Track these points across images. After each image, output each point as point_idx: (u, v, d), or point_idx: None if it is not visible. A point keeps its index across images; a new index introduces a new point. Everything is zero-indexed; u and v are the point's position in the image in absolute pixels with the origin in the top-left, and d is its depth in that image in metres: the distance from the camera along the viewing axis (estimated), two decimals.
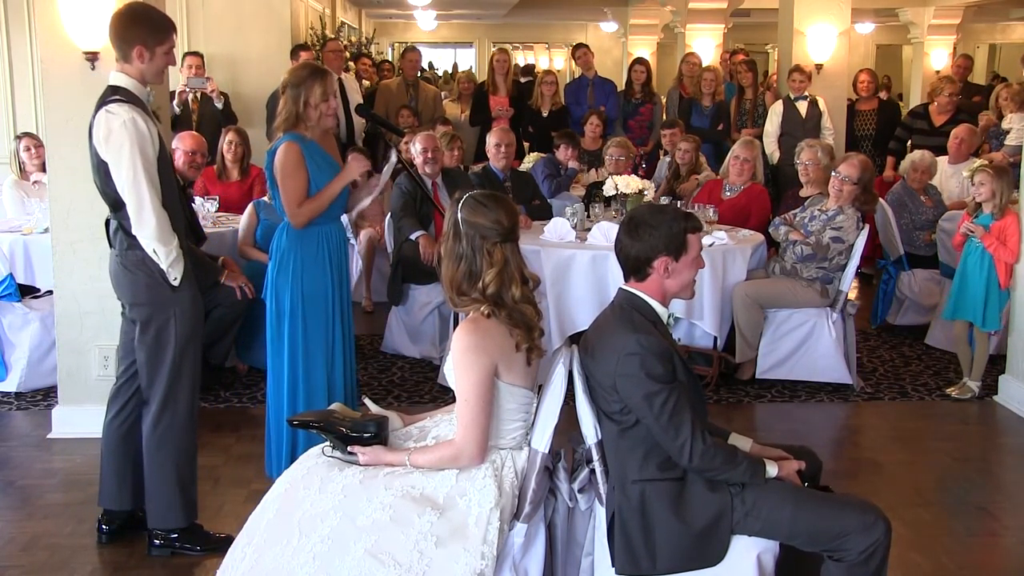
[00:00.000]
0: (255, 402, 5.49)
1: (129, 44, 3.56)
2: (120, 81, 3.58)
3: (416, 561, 2.57)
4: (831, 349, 5.66)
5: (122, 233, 3.60)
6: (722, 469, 2.77)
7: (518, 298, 2.76)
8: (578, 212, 6.01)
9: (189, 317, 3.66)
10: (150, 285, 3.59)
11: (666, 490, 2.81)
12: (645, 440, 2.81)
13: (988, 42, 19.92)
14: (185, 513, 3.74)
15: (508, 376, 2.77)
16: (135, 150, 3.47)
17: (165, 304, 3.61)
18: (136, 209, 3.51)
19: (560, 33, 22.36)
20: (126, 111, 3.49)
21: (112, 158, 3.50)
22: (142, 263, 3.59)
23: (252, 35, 8.93)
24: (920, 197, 6.93)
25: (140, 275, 3.60)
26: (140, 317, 3.65)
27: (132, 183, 3.49)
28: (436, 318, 6.14)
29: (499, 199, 2.85)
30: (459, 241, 2.78)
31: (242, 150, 7.06)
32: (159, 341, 3.63)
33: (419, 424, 3.00)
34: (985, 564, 3.86)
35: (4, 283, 5.56)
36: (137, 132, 3.48)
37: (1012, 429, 5.31)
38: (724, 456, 2.77)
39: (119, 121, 3.47)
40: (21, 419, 5.27)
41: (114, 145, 3.48)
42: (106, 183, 3.56)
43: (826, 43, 8.86)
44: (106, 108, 3.51)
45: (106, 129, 3.49)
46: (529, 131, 9.19)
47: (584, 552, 2.98)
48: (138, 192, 3.49)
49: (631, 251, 2.93)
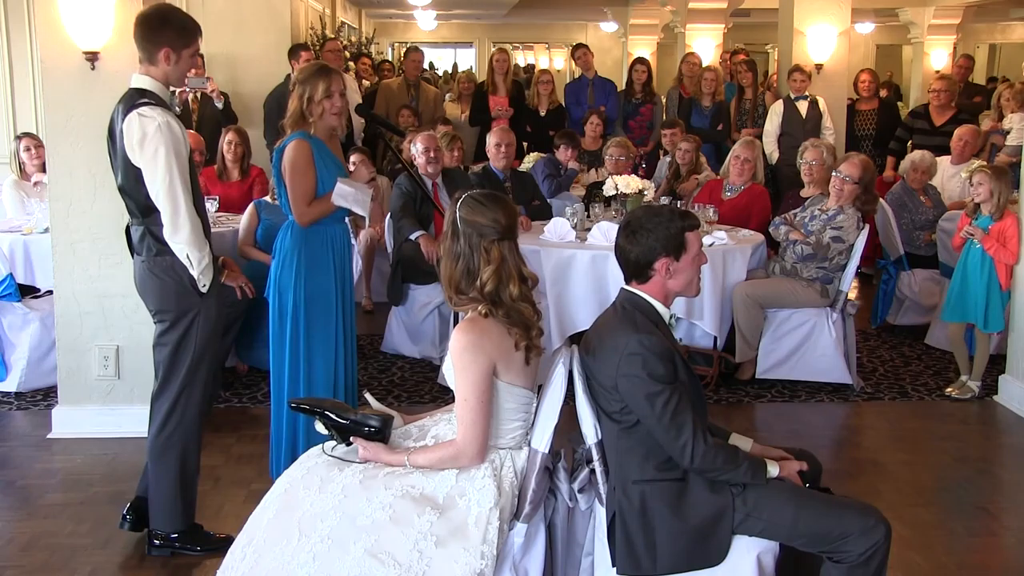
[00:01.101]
0: (255, 402, 5.50)
1: (156, 46, 3.52)
2: (144, 84, 3.55)
3: (416, 561, 2.57)
4: (831, 349, 5.66)
5: (150, 238, 3.56)
6: (723, 470, 2.77)
7: (516, 296, 2.76)
8: (578, 212, 6.01)
9: (212, 324, 3.66)
10: (179, 291, 3.58)
11: (667, 490, 2.81)
12: (645, 440, 2.81)
13: (988, 42, 19.92)
14: (185, 516, 3.74)
15: (507, 375, 2.77)
16: (171, 155, 3.43)
17: (191, 310, 3.60)
18: (172, 214, 3.46)
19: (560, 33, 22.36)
20: (160, 114, 3.45)
21: (147, 163, 3.45)
22: (171, 269, 3.56)
23: (252, 35, 8.92)
24: (920, 197, 6.93)
25: (169, 281, 3.58)
26: (165, 322, 3.64)
27: (168, 188, 3.44)
28: (436, 318, 6.14)
29: (498, 198, 2.85)
30: (457, 240, 2.78)
31: (242, 150, 7.06)
32: (180, 345, 3.63)
33: (419, 423, 3.00)
34: (985, 564, 3.86)
35: (4, 283, 5.56)
36: (172, 136, 3.44)
37: (1012, 429, 5.31)
38: (725, 456, 2.77)
39: (154, 125, 3.43)
40: (21, 419, 5.27)
41: (149, 150, 3.43)
42: (137, 188, 3.51)
43: (826, 43, 8.86)
44: (138, 111, 3.44)
45: (140, 133, 3.43)
46: (527, 131, 9.19)
47: (584, 552, 2.98)
48: (174, 197, 3.45)
49: (631, 255, 2.93)
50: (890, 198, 6.96)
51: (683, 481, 2.82)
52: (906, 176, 7.05)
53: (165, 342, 3.65)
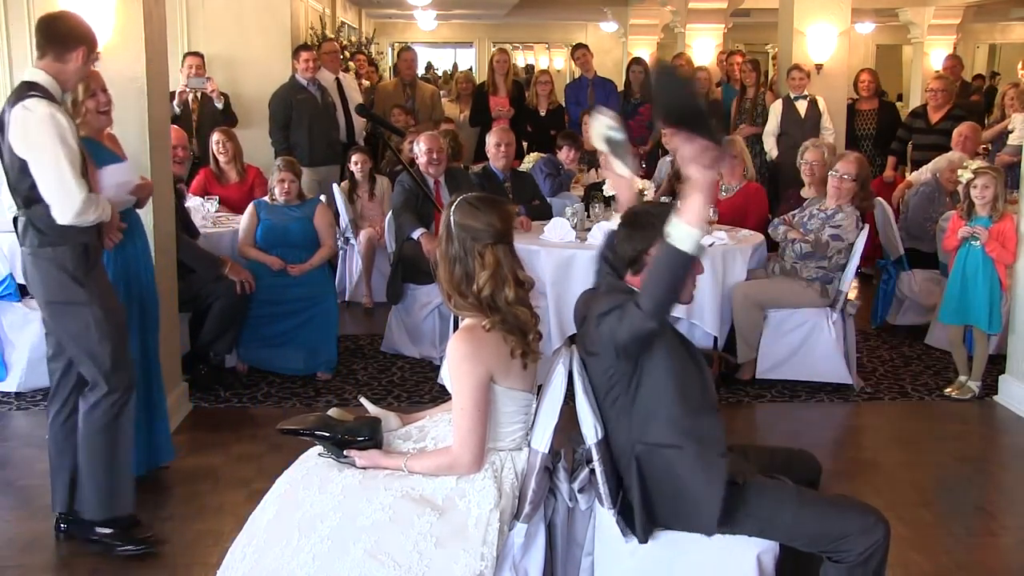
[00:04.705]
0: (255, 402, 5.50)
1: (50, 47, 3.59)
2: (37, 77, 3.59)
3: (415, 562, 2.57)
4: (831, 349, 5.66)
5: (33, 230, 3.59)
6: (665, 285, 2.65)
7: (512, 300, 2.75)
8: (578, 212, 6.01)
9: (104, 311, 3.65)
10: (62, 282, 3.60)
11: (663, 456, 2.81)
12: (642, 407, 2.82)
13: (988, 42, 19.93)
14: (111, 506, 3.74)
15: (506, 381, 2.77)
16: (57, 141, 3.47)
17: (79, 301, 3.62)
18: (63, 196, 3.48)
19: (560, 33, 22.36)
20: (44, 106, 3.49)
21: (34, 152, 3.49)
22: (54, 260, 3.59)
23: (252, 35, 8.92)
24: (946, 198, 6.92)
25: (53, 271, 3.60)
26: (59, 315, 3.66)
27: (56, 171, 3.47)
28: (436, 318, 6.14)
29: (493, 202, 2.83)
30: (452, 243, 2.78)
31: (232, 148, 7.04)
32: (85, 337, 3.63)
33: (418, 424, 3.00)
34: (985, 564, 3.86)
35: (4, 283, 5.55)
36: (57, 125, 3.48)
37: (1012, 429, 5.31)
38: (662, 283, 2.66)
39: (36, 116, 3.47)
40: (21, 419, 5.27)
41: (34, 139, 3.47)
42: (21, 179, 3.54)
43: (826, 43, 8.87)
44: (23, 104, 3.49)
45: (23, 124, 3.48)
46: (528, 131, 9.19)
47: (584, 552, 2.98)
48: (61, 179, 3.47)
49: (627, 251, 2.93)
50: (923, 189, 6.98)
51: (679, 450, 2.80)
52: (940, 175, 7.02)
53: (69, 335, 3.66)
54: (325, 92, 8.18)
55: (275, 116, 7.98)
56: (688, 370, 2.87)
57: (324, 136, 8.09)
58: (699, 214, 2.58)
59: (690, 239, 2.57)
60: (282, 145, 7.84)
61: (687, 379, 2.87)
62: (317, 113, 8.04)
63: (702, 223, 2.59)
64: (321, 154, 8.02)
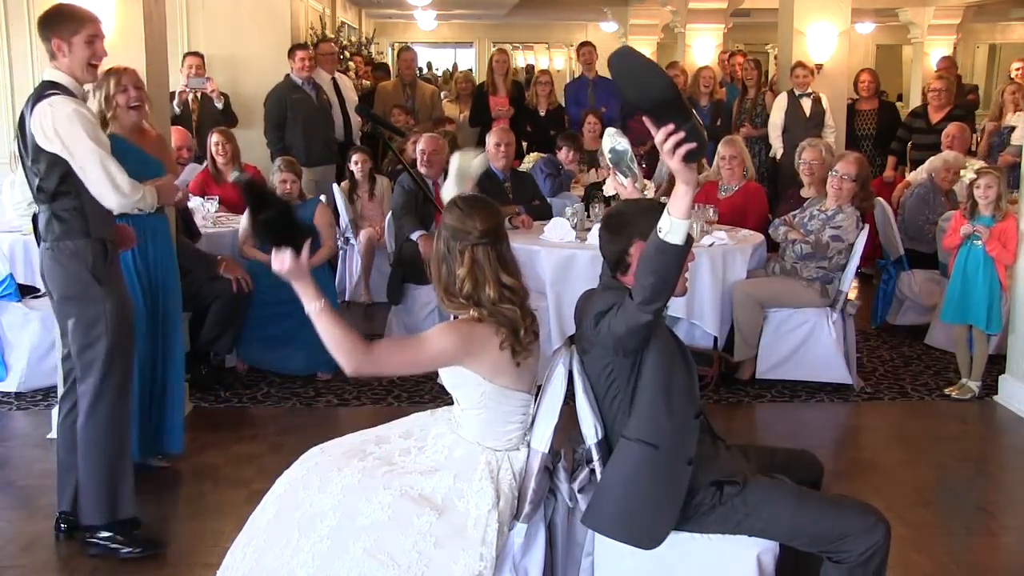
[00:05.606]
0: (255, 402, 5.50)
1: (47, 40, 3.61)
2: (55, 77, 3.62)
3: (415, 561, 2.57)
4: (831, 349, 5.66)
5: (56, 222, 3.59)
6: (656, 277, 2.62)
7: (494, 299, 2.75)
8: (578, 212, 6.01)
9: (121, 312, 3.66)
10: (83, 279, 3.60)
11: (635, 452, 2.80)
12: (633, 401, 2.82)
13: (988, 42, 19.93)
14: (111, 509, 3.73)
15: (500, 379, 2.76)
16: (88, 132, 3.51)
17: (97, 298, 3.62)
18: (108, 181, 3.52)
19: (560, 33, 22.38)
20: (70, 102, 3.53)
21: (68, 145, 3.51)
22: (75, 255, 3.59)
23: (252, 35, 8.92)
24: (941, 198, 6.92)
25: (72, 267, 3.60)
26: (71, 310, 3.66)
27: (96, 158, 3.51)
28: (436, 318, 6.12)
29: (480, 204, 2.84)
30: (439, 243, 2.82)
31: (230, 148, 7.03)
32: (91, 333, 3.63)
33: (420, 422, 3.01)
34: (985, 564, 3.86)
35: (4, 283, 5.56)
36: (85, 119, 3.53)
37: (1012, 429, 5.31)
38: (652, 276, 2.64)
39: (65, 111, 3.50)
40: (21, 419, 5.27)
41: (66, 132, 3.50)
42: (49, 173, 3.56)
43: (826, 43, 8.86)
44: (48, 101, 3.52)
45: (53, 120, 3.50)
46: (528, 131, 9.19)
47: (584, 552, 2.98)
48: (103, 165, 3.51)
49: (609, 253, 2.94)
50: (918, 190, 6.96)
51: (656, 449, 2.79)
52: (935, 175, 7.01)
53: (77, 334, 3.66)
54: (321, 91, 8.14)
55: (270, 115, 7.93)
56: (676, 369, 2.85)
57: (320, 136, 8.05)
58: (683, 206, 2.57)
59: (677, 231, 2.57)
60: (277, 145, 7.81)
61: (675, 378, 2.86)
62: (312, 112, 7.99)
63: (688, 214, 2.57)
64: (317, 154, 7.99)
